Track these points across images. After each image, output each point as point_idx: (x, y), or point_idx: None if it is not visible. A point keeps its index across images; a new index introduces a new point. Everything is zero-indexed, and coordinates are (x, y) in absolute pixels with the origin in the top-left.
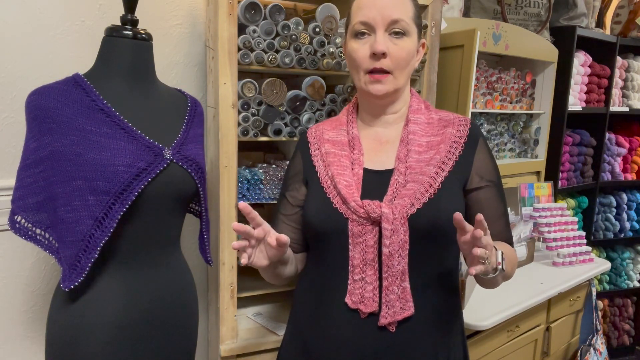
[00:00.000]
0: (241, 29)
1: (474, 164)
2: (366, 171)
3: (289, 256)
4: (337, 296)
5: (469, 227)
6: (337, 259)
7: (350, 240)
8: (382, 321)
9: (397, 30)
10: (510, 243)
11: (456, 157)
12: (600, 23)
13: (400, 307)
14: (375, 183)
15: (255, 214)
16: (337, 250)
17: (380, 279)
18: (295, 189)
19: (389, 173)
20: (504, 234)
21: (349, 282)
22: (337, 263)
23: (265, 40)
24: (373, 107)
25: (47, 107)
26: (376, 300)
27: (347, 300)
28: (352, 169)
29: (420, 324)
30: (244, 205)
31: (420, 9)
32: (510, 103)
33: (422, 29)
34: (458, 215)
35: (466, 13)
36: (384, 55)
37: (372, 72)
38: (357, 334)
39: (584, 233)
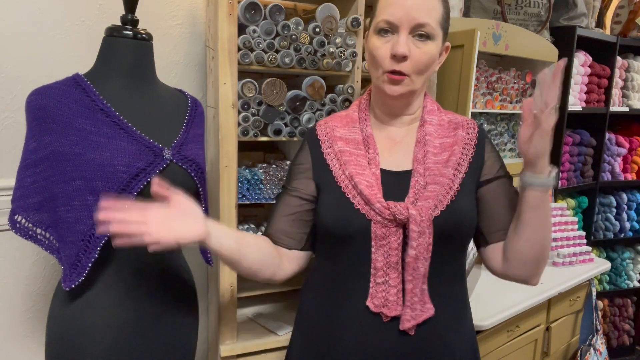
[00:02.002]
0: (241, 29)
1: (485, 163)
2: (383, 172)
3: (246, 244)
4: (357, 300)
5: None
6: (357, 262)
7: (373, 243)
8: (405, 325)
9: (421, 33)
10: None
11: (469, 159)
12: (600, 23)
13: (420, 309)
14: (394, 184)
15: (166, 192)
16: (357, 253)
17: (402, 282)
18: (302, 183)
19: (406, 174)
20: None
21: (371, 285)
22: (357, 266)
23: (265, 40)
24: (388, 106)
25: (47, 107)
26: (400, 303)
27: (369, 303)
28: (370, 168)
29: (439, 325)
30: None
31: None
32: (510, 103)
33: (447, 32)
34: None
35: (466, 13)
36: (404, 58)
37: (391, 72)
38: (378, 338)
39: (584, 233)
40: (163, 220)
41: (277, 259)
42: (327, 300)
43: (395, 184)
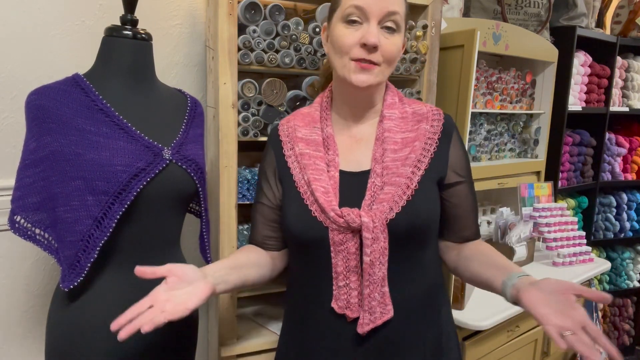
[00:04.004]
0: (241, 29)
1: (449, 159)
2: (342, 173)
3: (243, 266)
4: (324, 301)
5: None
6: (321, 266)
7: (332, 248)
8: (364, 328)
9: (389, 25)
10: (478, 234)
11: (431, 154)
12: (600, 23)
13: (380, 312)
14: (352, 186)
15: (158, 270)
16: (319, 258)
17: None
18: (271, 190)
19: (365, 175)
20: (474, 227)
21: (334, 288)
22: (320, 270)
23: (265, 40)
24: (352, 98)
25: (46, 107)
26: (361, 305)
27: (334, 305)
28: (328, 171)
29: (400, 326)
30: (141, 271)
31: (419, 10)
32: (510, 103)
33: (407, 30)
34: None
35: (466, 13)
36: (375, 48)
37: (359, 60)
38: (343, 338)
39: (584, 233)
40: (168, 295)
41: (270, 264)
42: (300, 300)
43: (354, 186)
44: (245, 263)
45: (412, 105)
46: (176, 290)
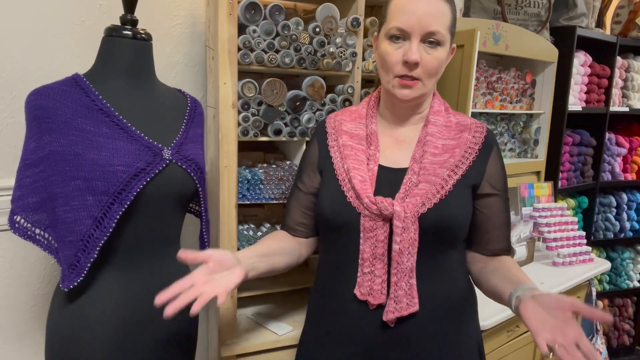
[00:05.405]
0: (241, 29)
1: (486, 171)
2: (381, 168)
3: (272, 253)
4: (348, 286)
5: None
6: (348, 251)
7: (361, 235)
8: (389, 316)
9: (432, 40)
10: (508, 250)
11: (470, 163)
12: (600, 23)
13: (407, 303)
14: (389, 180)
15: (200, 256)
16: (348, 243)
17: (388, 272)
18: (309, 177)
19: (402, 172)
20: (503, 243)
21: (359, 274)
22: (348, 255)
23: (265, 40)
24: (397, 108)
25: (46, 107)
26: (384, 292)
27: (356, 291)
28: (368, 164)
29: (424, 320)
30: (183, 255)
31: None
32: (510, 103)
33: (454, 34)
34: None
35: (466, 13)
36: (416, 64)
37: (402, 77)
38: (364, 325)
39: (584, 233)
40: (208, 278)
41: (297, 251)
42: (326, 284)
43: (391, 180)
44: (275, 251)
45: (457, 116)
46: (215, 274)
